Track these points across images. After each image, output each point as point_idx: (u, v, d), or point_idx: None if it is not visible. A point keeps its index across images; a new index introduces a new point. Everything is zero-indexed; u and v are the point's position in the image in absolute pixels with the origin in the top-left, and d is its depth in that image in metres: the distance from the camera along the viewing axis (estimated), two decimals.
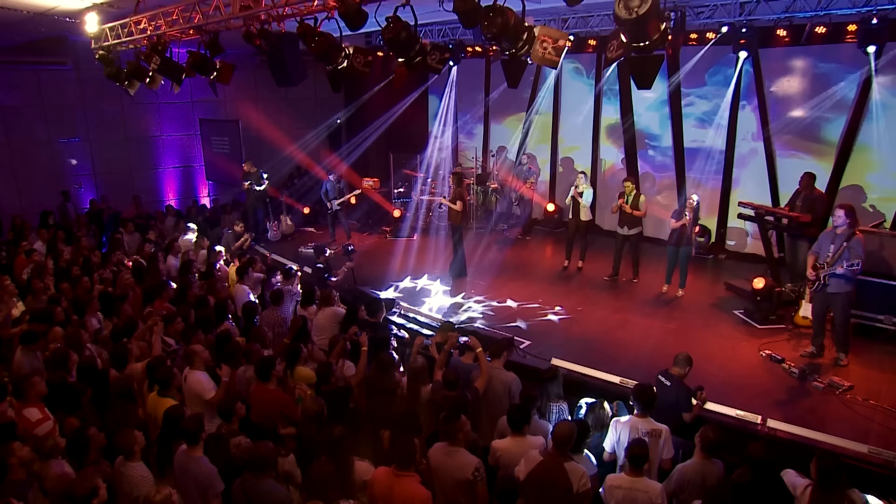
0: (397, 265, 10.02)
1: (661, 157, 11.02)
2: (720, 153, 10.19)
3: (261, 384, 5.09)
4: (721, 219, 10.46)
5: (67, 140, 12.46)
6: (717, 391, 5.59)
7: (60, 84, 12.05)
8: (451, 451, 3.99)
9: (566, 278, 9.36)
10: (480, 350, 5.19)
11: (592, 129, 11.77)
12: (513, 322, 7.56)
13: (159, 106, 13.52)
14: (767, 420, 5.33)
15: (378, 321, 6.29)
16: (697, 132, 10.38)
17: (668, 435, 4.44)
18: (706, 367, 6.16)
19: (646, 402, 4.49)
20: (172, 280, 7.88)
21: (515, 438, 4.22)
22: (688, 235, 8.07)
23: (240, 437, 4.44)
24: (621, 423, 4.55)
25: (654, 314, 7.82)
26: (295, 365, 5.49)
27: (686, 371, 5.09)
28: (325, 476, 3.91)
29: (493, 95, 13.23)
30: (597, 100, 11.60)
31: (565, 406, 4.89)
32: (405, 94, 13.30)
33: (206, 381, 5.14)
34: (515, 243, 11.45)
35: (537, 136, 12.75)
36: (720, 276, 9.22)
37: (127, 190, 13.19)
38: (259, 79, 13.69)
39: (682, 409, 5.02)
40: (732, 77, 9.67)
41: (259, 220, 11.86)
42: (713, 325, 7.48)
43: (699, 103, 10.33)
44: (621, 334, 7.22)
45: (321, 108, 14.97)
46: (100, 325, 6.64)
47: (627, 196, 8.67)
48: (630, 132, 11.17)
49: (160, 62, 6.60)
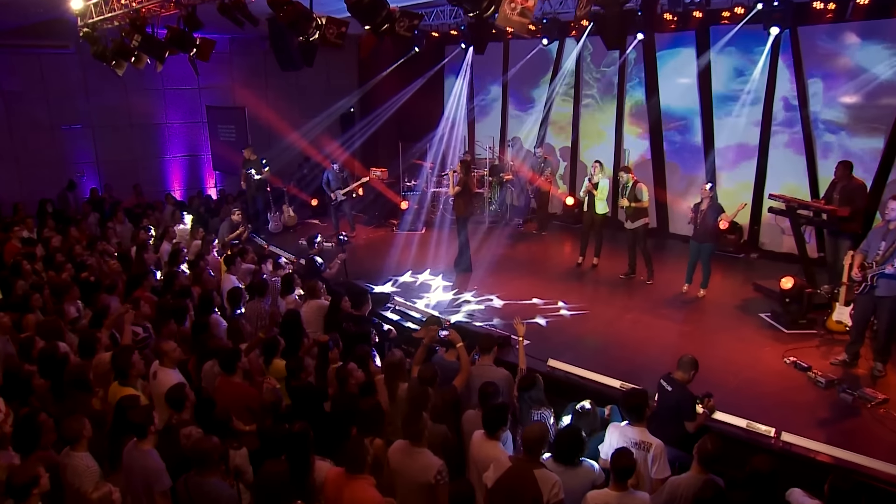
0: (400, 259, 9.97)
1: (688, 146, 10.67)
2: (753, 141, 9.81)
3: (226, 377, 5.02)
4: (754, 214, 10.06)
5: (70, 126, 12.70)
6: (729, 400, 5.36)
7: (63, 68, 12.28)
8: (412, 451, 3.86)
9: (578, 275, 9.18)
10: (461, 345, 5.02)
11: (616, 118, 11.51)
12: (513, 320, 7.34)
13: (165, 92, 13.70)
14: (782, 433, 5.03)
15: (362, 314, 6.18)
16: (728, 118, 10.01)
17: (660, 451, 4.15)
18: (720, 373, 5.93)
19: (633, 410, 4.25)
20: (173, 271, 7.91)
21: (489, 441, 4.03)
22: (710, 230, 7.73)
23: (190, 427, 4.35)
24: (615, 429, 4.34)
25: (670, 315, 7.58)
26: (273, 358, 5.41)
27: (691, 376, 4.84)
28: (276, 475, 3.76)
29: (511, 81, 13.05)
30: (620, 85, 11.34)
31: (548, 413, 4.67)
32: (418, 80, 13.22)
33: (177, 381, 5.06)
34: (530, 238, 11.33)
35: (557, 126, 12.52)
36: (750, 277, 8.87)
37: (131, 179, 13.40)
38: (268, 65, 13.71)
39: (683, 417, 4.77)
40: (766, 57, 9.29)
41: (259, 210, 11.89)
42: (734, 328, 7.20)
43: (730, 86, 9.95)
44: (630, 335, 7.02)
45: (332, 95, 14.93)
46: (79, 314, 6.67)
47: (625, 187, 8.40)
48: (655, 117, 10.88)
49: (141, 39, 6.58)
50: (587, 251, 9.41)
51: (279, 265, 7.79)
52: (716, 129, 10.19)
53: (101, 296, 6.72)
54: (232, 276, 7.66)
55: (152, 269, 8.11)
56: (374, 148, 14.52)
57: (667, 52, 10.65)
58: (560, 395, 5.36)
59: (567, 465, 3.81)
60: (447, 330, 5.31)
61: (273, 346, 5.50)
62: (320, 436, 4.64)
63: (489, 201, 12.34)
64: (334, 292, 6.90)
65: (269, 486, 3.73)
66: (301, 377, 5.03)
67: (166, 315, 6.04)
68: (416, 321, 7.51)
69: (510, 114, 13.40)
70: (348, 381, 4.83)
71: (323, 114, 14.48)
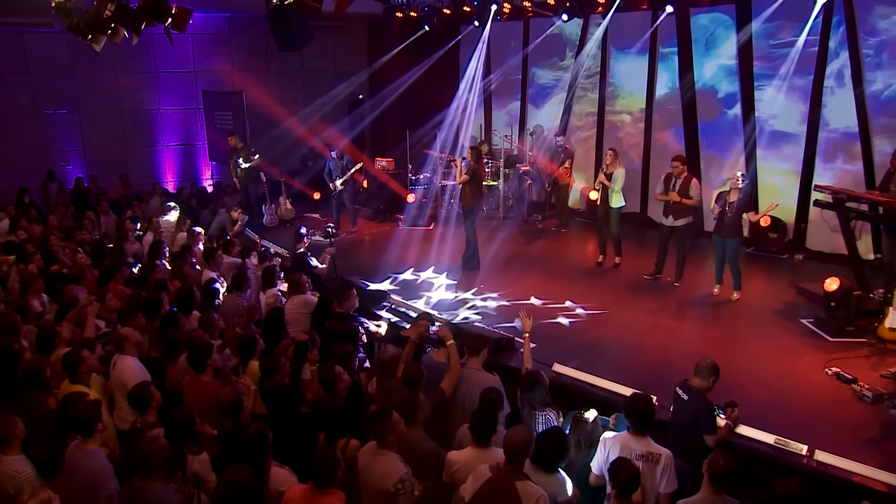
0: (402, 255, 9.98)
1: (726, 132, 10.41)
2: (800, 126, 9.53)
3: (194, 375, 4.98)
4: (800, 210, 9.76)
5: (55, 111, 12.87)
6: (758, 413, 5.23)
7: (48, 48, 12.43)
8: (378, 454, 3.83)
9: (597, 275, 9.07)
10: (452, 343, 4.90)
11: (645, 101, 11.32)
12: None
13: (157, 75, 13.83)
14: (816, 451, 4.82)
15: (347, 311, 6.13)
16: (772, 99, 9.74)
17: (669, 462, 4.00)
18: (749, 383, 5.81)
19: (638, 419, 4.08)
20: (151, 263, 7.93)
21: (478, 450, 3.93)
22: (736, 224, 7.56)
23: (157, 429, 4.28)
24: (611, 439, 4.16)
25: (696, 319, 7.43)
26: (249, 359, 5.37)
27: (710, 383, 4.68)
28: (238, 481, 3.64)
29: (531, 63, 12.92)
30: (651, 65, 11.14)
31: (554, 415, 4.55)
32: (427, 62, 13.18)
33: (137, 369, 5.05)
34: (547, 236, 11.25)
35: (580, 112, 12.37)
36: (794, 281, 8.60)
37: (120, 169, 13.57)
38: (270, 47, 13.68)
39: (702, 429, 4.61)
40: (815, 28, 9.04)
41: (251, 202, 11.91)
42: (770, 335, 7.00)
43: (774, 63, 9.66)
44: (649, 340, 6.89)
45: (340, 81, 14.91)
46: (43, 308, 6.69)
47: (675, 179, 8.15)
48: (689, 100, 10.66)
49: (114, 9, 6.60)
50: (608, 248, 9.28)
51: (265, 256, 7.74)
52: (757, 112, 9.92)
53: (67, 288, 6.72)
54: (211, 273, 7.69)
55: (131, 262, 8.13)
56: (382, 136, 14.47)
57: (702, 25, 10.43)
58: (566, 403, 5.22)
59: (542, 469, 3.68)
60: (437, 326, 5.18)
61: (250, 346, 5.45)
62: (294, 442, 4.58)
63: (506, 196, 12.21)
64: (325, 290, 6.87)
65: (229, 494, 3.63)
66: (276, 378, 4.96)
67: (135, 308, 6.00)
68: (411, 321, 7.39)
69: (529, 99, 13.26)
70: (337, 385, 4.76)
71: (329, 101, 14.50)
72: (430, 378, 4.82)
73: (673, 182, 8.18)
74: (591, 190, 11.65)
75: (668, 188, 8.21)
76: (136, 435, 4.20)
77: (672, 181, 8.19)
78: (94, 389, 4.85)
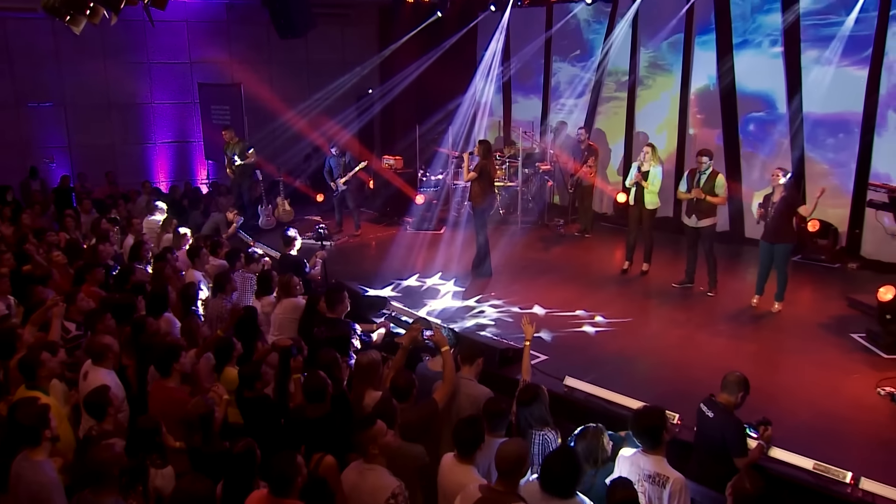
0: (408, 261, 10.02)
1: (770, 126, 10.27)
2: (855, 118, 9.36)
3: (160, 380, 4.97)
4: (854, 214, 9.58)
5: (38, 104, 13.03)
6: (796, 434, 5.14)
7: (31, 36, 12.53)
8: (365, 469, 3.79)
9: (622, 283, 9.00)
10: (447, 349, 4.85)
11: (679, 93, 11.21)
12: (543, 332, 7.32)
13: (150, 66, 13.98)
14: (861, 479, 4.68)
15: (338, 317, 6.09)
16: (823, 86, 9.55)
17: (679, 487, 3.84)
18: (787, 401, 5.73)
19: (642, 433, 3.98)
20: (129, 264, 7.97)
21: (461, 465, 3.87)
22: (785, 226, 7.40)
23: (115, 439, 4.23)
24: (626, 457, 4.09)
25: (731, 332, 7.30)
26: (225, 365, 5.34)
27: (738, 398, 4.53)
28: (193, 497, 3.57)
29: (555, 51, 12.86)
30: (686, 49, 11.05)
31: (552, 435, 4.42)
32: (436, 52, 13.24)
33: (112, 385, 4.98)
34: (569, 241, 11.22)
35: (607, 107, 12.31)
36: (846, 292, 8.41)
37: (108, 167, 13.65)
38: (272, 37, 13.80)
39: (731, 451, 4.46)
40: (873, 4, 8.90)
41: (245, 203, 11.96)
42: (815, 351, 6.86)
43: (825, 44, 9.50)
44: (675, 355, 6.81)
45: (347, 74, 14.91)
46: (9, 311, 6.72)
47: (700, 175, 8.05)
48: (728, 88, 10.53)
49: None
50: (635, 254, 9.18)
51: (252, 258, 7.74)
52: (805, 102, 9.76)
53: (36, 289, 6.74)
54: (197, 273, 7.68)
55: (111, 264, 8.17)
56: (391, 132, 14.49)
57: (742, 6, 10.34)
58: (577, 421, 5.07)
59: (555, 495, 3.54)
60: (432, 330, 5.11)
61: (226, 350, 5.41)
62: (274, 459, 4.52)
63: (525, 198, 12.15)
64: (315, 294, 6.86)
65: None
66: (256, 387, 4.91)
67: (104, 310, 5.99)
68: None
69: (552, 91, 13.23)
70: (326, 396, 4.69)
71: (335, 95, 14.55)
72: (424, 389, 4.79)
73: (697, 178, 8.09)
74: (619, 192, 11.56)
75: (692, 185, 8.12)
76: (90, 444, 4.16)
77: (696, 177, 8.10)
78: (52, 397, 4.81)
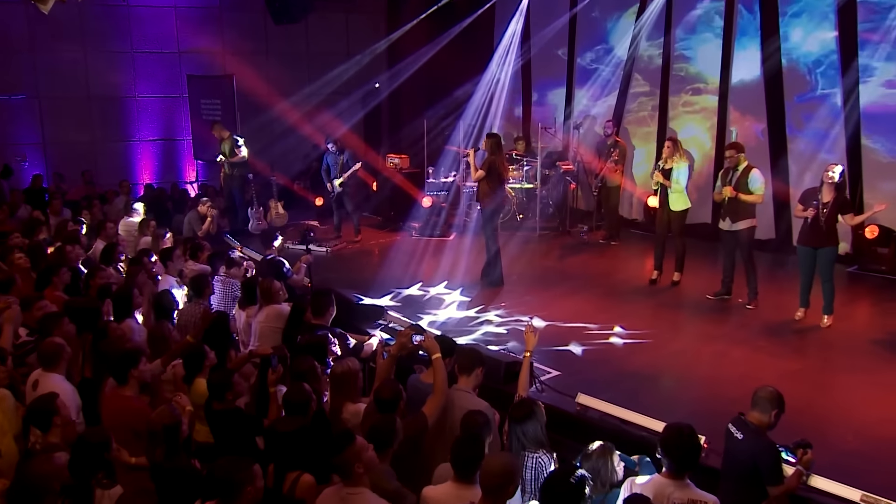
0: (412, 269, 10.08)
1: (822, 118, 10.11)
2: None
3: (115, 388, 4.94)
4: None
5: (9, 96, 13.11)
6: (843, 462, 4.99)
7: (2, 21, 12.62)
8: (347, 494, 3.67)
9: (649, 294, 8.97)
10: (438, 357, 4.75)
11: (720, 81, 11.15)
12: (556, 346, 7.31)
13: (135, 56, 14.11)
14: None
15: (324, 323, 6.12)
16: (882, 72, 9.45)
17: None
18: (833, 426, 5.61)
19: (681, 457, 3.85)
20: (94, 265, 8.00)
21: (459, 486, 3.80)
22: (830, 229, 7.30)
23: (60, 453, 4.17)
24: (638, 484, 3.96)
25: (772, 348, 7.18)
26: (195, 375, 5.28)
27: (772, 418, 4.34)
28: None
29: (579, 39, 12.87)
30: (726, 32, 10.96)
31: (547, 459, 4.33)
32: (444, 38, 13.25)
33: (67, 391, 4.94)
34: (593, 249, 11.28)
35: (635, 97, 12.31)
36: None
37: (87, 167, 13.74)
38: (270, 26, 13.95)
39: (764, 478, 4.28)
40: None
41: (237, 205, 11.99)
42: (868, 370, 6.73)
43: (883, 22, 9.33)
44: (706, 372, 6.73)
45: (353, 66, 14.98)
46: None
47: (733, 172, 7.98)
48: (773, 73, 10.43)
49: None
50: (664, 262, 9.15)
51: (233, 261, 7.74)
52: (861, 89, 9.64)
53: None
54: (170, 279, 7.76)
55: (78, 268, 8.20)
56: (398, 129, 14.50)
57: None
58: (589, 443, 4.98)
59: None
60: (423, 336, 5.03)
61: (196, 359, 5.35)
62: None
63: (545, 202, 12.20)
64: (299, 300, 6.90)
65: None
66: (227, 398, 4.84)
67: (62, 313, 5.96)
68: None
69: (577, 83, 13.26)
70: (308, 409, 4.61)
71: (339, 89, 14.67)
72: (415, 403, 4.72)
73: (731, 175, 8.01)
74: (650, 195, 11.48)
75: (725, 183, 8.07)
76: (31, 458, 4.09)
77: (729, 175, 8.03)
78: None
